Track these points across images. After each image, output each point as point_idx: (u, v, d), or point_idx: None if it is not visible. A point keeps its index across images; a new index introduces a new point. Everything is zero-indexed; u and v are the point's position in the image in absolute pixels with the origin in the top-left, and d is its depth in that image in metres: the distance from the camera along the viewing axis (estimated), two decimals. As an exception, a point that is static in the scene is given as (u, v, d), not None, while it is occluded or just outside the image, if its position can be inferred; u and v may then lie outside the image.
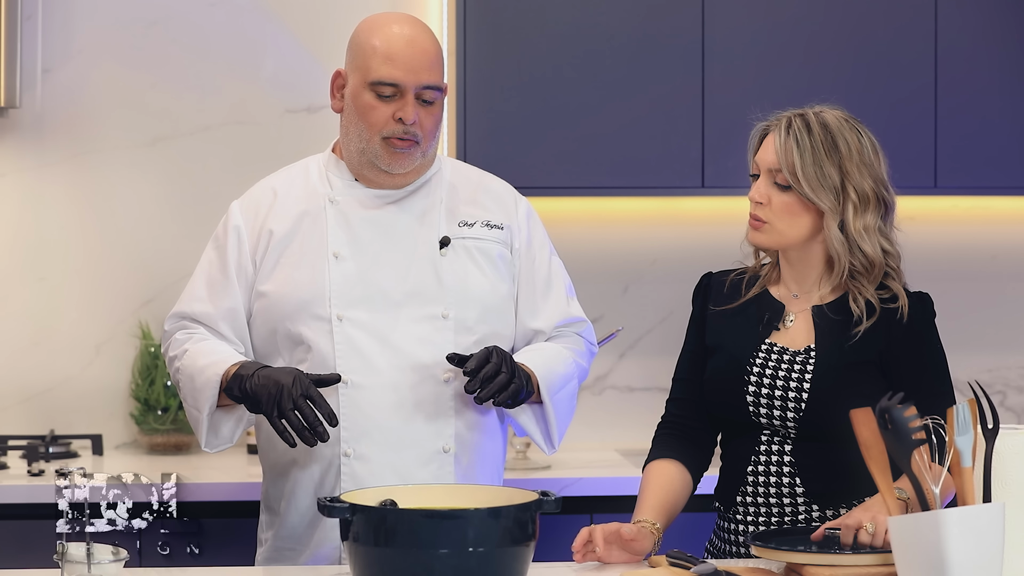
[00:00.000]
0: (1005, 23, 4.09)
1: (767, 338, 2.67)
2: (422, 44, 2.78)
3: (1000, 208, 4.40)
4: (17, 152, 4.13)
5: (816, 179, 2.60)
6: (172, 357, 2.85)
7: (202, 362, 2.77)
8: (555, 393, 2.82)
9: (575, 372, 2.88)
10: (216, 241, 2.88)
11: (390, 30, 2.78)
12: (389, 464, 2.76)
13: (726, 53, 4.01)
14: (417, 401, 2.77)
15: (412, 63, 2.76)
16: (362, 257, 2.81)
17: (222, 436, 2.80)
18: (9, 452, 3.89)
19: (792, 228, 2.63)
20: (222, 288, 2.84)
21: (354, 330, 2.77)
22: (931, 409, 2.33)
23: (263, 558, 2.88)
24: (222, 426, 2.79)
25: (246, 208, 2.88)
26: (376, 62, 2.76)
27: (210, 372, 2.74)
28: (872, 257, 2.61)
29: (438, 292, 2.80)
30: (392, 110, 2.77)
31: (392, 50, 2.76)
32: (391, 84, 2.76)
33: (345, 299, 2.78)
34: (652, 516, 2.59)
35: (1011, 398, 4.42)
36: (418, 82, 2.76)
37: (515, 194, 2.96)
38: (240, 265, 2.84)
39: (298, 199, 2.86)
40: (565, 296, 2.94)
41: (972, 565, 2.09)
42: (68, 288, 4.15)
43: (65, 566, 2.24)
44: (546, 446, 2.85)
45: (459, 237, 2.85)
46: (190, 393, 2.78)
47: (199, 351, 2.79)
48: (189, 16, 4.18)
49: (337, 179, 2.87)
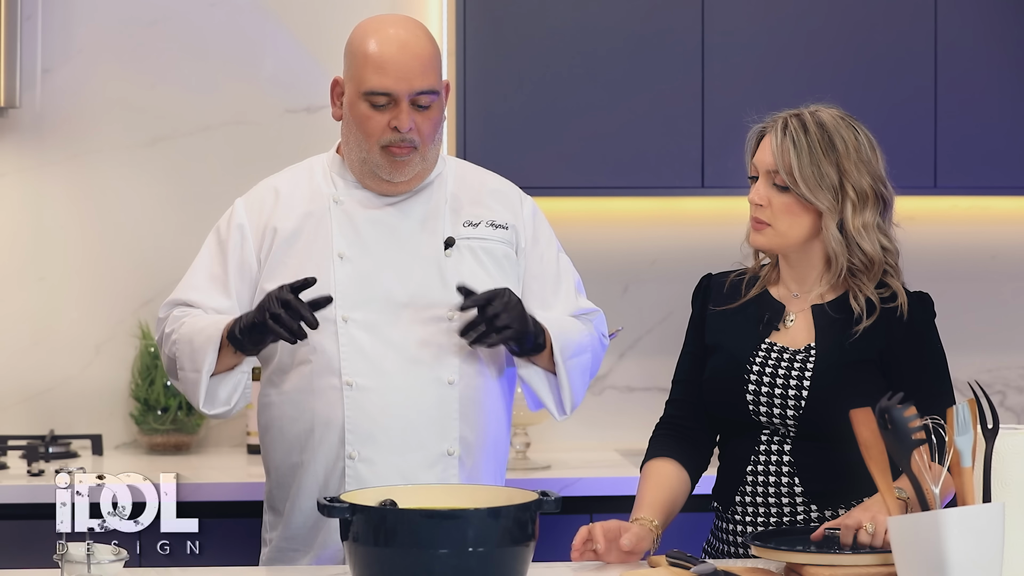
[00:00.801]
0: (1005, 23, 4.09)
1: (767, 337, 2.67)
2: (414, 49, 2.75)
3: (1000, 208, 4.40)
4: (17, 152, 4.13)
5: (814, 179, 2.59)
6: (168, 332, 2.83)
7: (201, 324, 2.77)
8: (568, 358, 2.81)
9: (590, 345, 2.88)
10: (218, 237, 2.87)
11: (382, 35, 2.76)
12: (394, 467, 2.76)
13: (726, 53, 4.01)
14: (422, 404, 2.77)
15: (403, 71, 2.74)
16: (367, 258, 2.81)
17: (220, 398, 2.79)
18: (9, 452, 3.89)
19: (793, 229, 2.63)
20: (220, 284, 2.83)
21: (359, 332, 2.77)
22: (931, 409, 2.33)
23: (267, 558, 2.88)
24: (220, 388, 2.78)
25: (251, 206, 2.87)
26: (368, 72, 2.74)
27: (211, 330, 2.74)
28: (871, 255, 2.61)
29: (443, 294, 2.79)
30: (387, 119, 2.75)
31: (383, 58, 2.73)
32: (383, 93, 2.74)
33: (350, 301, 2.78)
34: (651, 514, 2.59)
35: (1011, 398, 4.43)
36: (411, 89, 2.74)
37: (520, 193, 2.95)
38: (243, 262, 2.83)
39: (303, 199, 2.85)
40: (575, 291, 2.93)
41: (972, 565, 2.09)
42: (68, 288, 4.15)
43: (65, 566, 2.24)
44: (557, 411, 2.85)
45: (464, 237, 2.84)
46: (188, 357, 2.77)
47: (198, 318, 2.79)
48: (189, 16, 4.18)
49: (341, 180, 2.86)
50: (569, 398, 2.84)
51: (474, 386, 2.81)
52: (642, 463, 2.72)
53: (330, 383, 2.76)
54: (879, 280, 2.63)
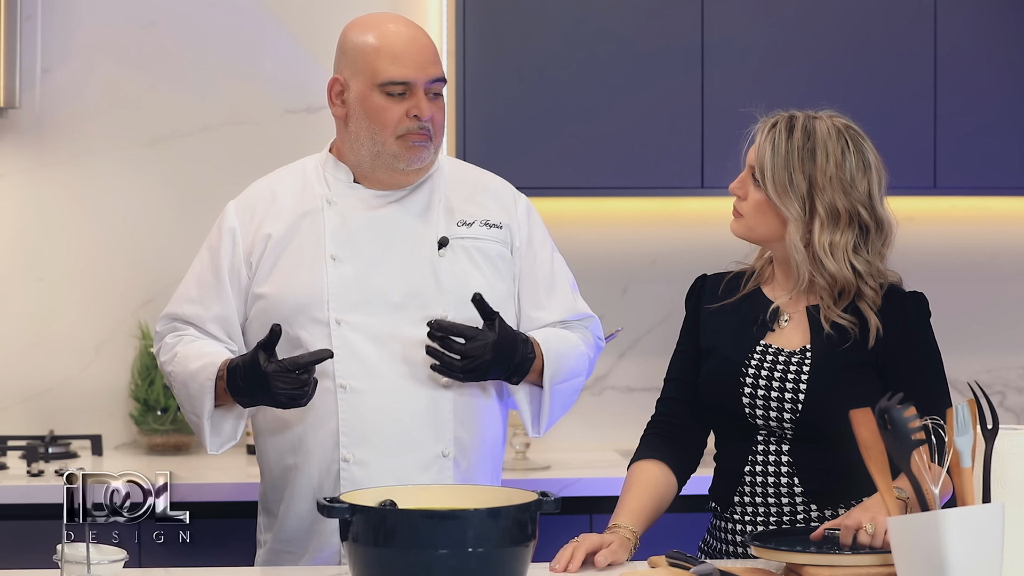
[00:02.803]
0: (1005, 24, 4.09)
1: (762, 339, 2.67)
2: (422, 39, 2.79)
3: (999, 208, 4.40)
4: (17, 152, 4.13)
5: (784, 184, 2.58)
6: (163, 362, 2.85)
7: (192, 367, 2.76)
8: (557, 383, 2.81)
9: (584, 370, 2.88)
10: (210, 242, 2.87)
11: (387, 29, 2.78)
12: (388, 469, 2.75)
13: (726, 53, 4.01)
14: (416, 405, 2.77)
15: (419, 59, 2.76)
16: (360, 259, 2.80)
17: (225, 434, 2.80)
18: (9, 452, 3.89)
19: (761, 225, 2.63)
20: (213, 291, 2.83)
21: (352, 334, 2.76)
22: (928, 410, 2.33)
23: (262, 560, 2.88)
24: (223, 425, 2.79)
25: (242, 210, 2.86)
26: (382, 63, 2.75)
27: (202, 377, 2.74)
28: (836, 274, 2.58)
29: (437, 294, 2.79)
30: (405, 108, 2.76)
31: (396, 49, 2.76)
32: (402, 83, 2.75)
33: (343, 302, 2.77)
34: (630, 520, 2.59)
35: (1011, 398, 4.42)
36: (427, 77, 2.76)
37: (514, 192, 2.95)
38: (233, 268, 2.83)
39: (295, 200, 2.85)
40: (570, 292, 2.92)
41: (972, 565, 2.09)
42: (68, 288, 4.15)
43: (65, 566, 2.24)
44: (531, 428, 2.85)
45: (458, 237, 2.84)
46: (186, 400, 2.79)
47: (188, 355, 2.79)
48: (188, 16, 4.18)
49: (335, 180, 2.85)
50: (546, 421, 2.84)
51: (469, 387, 2.80)
52: (630, 462, 2.71)
53: (324, 386, 2.75)
54: (852, 303, 2.60)
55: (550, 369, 2.79)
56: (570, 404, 2.89)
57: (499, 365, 2.73)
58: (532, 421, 2.84)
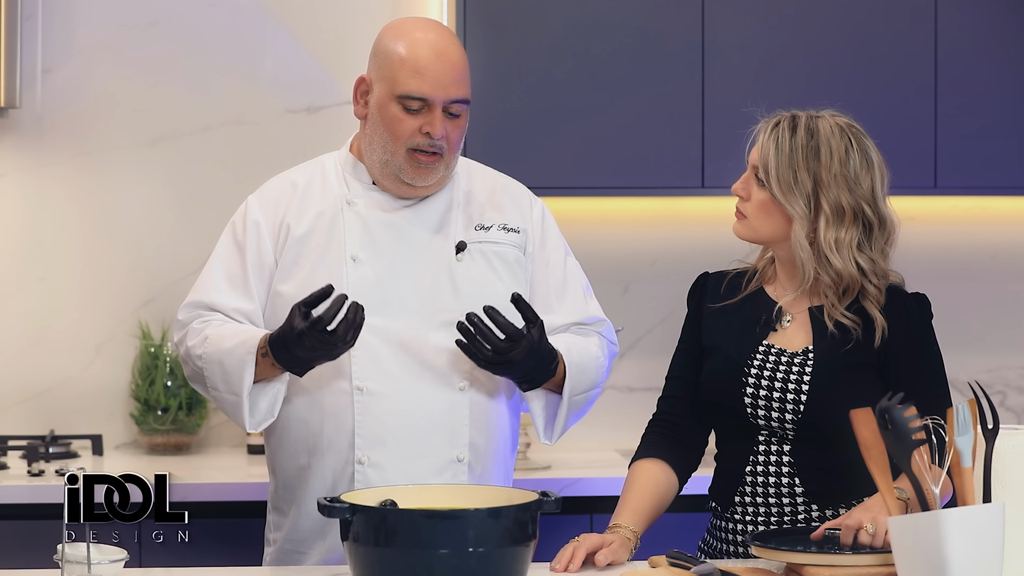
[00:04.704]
0: (1005, 23, 4.09)
1: (764, 340, 2.67)
2: (451, 57, 2.74)
3: (1000, 208, 4.40)
4: (17, 152, 4.13)
5: (788, 183, 2.58)
6: (191, 346, 2.79)
7: (228, 344, 2.72)
8: (576, 394, 2.80)
9: (601, 381, 2.87)
10: (234, 234, 2.83)
11: (418, 39, 2.73)
12: (403, 472, 2.73)
13: (726, 53, 4.01)
14: (433, 410, 2.75)
15: (441, 78, 2.71)
16: (379, 261, 2.78)
17: (262, 412, 2.75)
18: (9, 452, 3.89)
19: (765, 226, 2.63)
20: (242, 284, 2.80)
21: (371, 336, 2.74)
22: (928, 410, 2.33)
23: (271, 559, 2.86)
24: (260, 402, 2.74)
25: (265, 203, 2.83)
26: (404, 75, 2.72)
27: (241, 352, 2.70)
28: (841, 272, 2.58)
29: (454, 298, 2.78)
30: (419, 123, 2.72)
31: (420, 63, 2.71)
32: (419, 98, 2.72)
33: (363, 304, 2.74)
34: (631, 520, 2.59)
35: (1011, 398, 4.42)
36: (446, 97, 2.72)
37: (530, 196, 2.94)
38: (260, 261, 2.80)
39: (316, 198, 2.83)
40: (583, 295, 2.91)
41: (972, 565, 2.09)
42: (68, 288, 4.15)
43: (65, 566, 2.24)
44: (543, 435, 2.83)
45: (476, 241, 2.82)
46: (221, 379, 2.73)
47: (222, 334, 2.74)
48: (189, 17, 4.18)
49: (355, 180, 2.83)
50: (560, 430, 2.82)
51: (485, 392, 2.79)
52: (631, 461, 2.71)
53: (340, 387, 2.75)
54: (856, 302, 2.60)
55: (571, 382, 2.78)
56: (584, 413, 2.88)
57: (522, 369, 2.71)
58: (545, 429, 2.83)
